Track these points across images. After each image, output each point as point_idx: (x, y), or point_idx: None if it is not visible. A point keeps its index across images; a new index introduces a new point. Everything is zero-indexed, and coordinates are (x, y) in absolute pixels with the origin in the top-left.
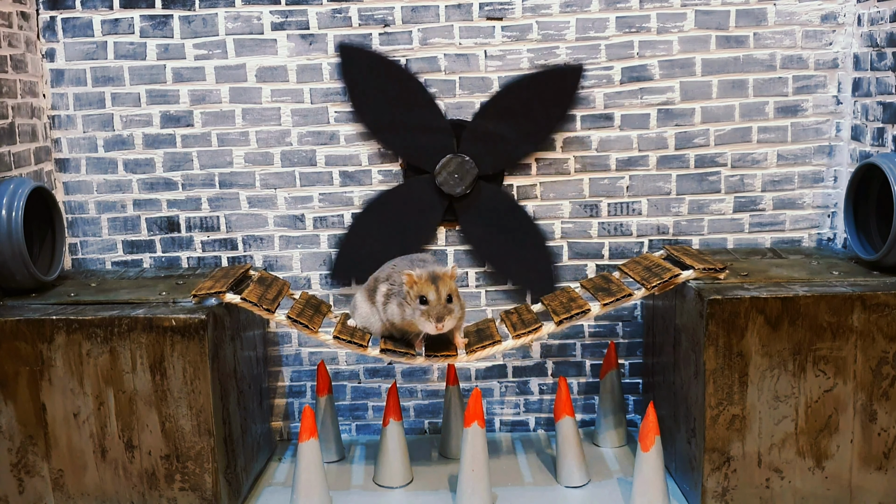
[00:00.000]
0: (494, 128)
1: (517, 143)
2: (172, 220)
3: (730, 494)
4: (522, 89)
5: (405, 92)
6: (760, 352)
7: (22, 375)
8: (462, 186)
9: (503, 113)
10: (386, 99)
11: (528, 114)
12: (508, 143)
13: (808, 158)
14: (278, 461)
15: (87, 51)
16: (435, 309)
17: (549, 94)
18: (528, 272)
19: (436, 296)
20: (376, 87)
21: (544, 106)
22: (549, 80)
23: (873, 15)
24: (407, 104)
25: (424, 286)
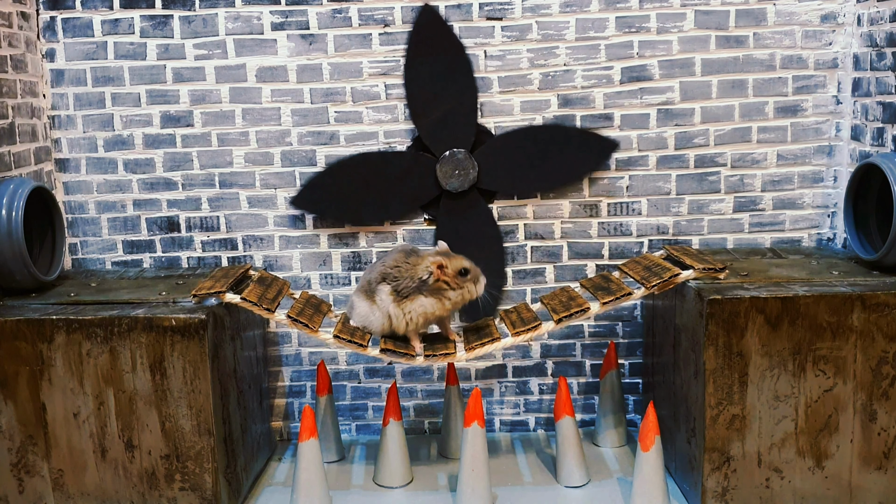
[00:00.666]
0: (513, 154)
1: (523, 179)
2: (172, 220)
3: (730, 494)
4: (556, 136)
5: (456, 77)
6: (760, 352)
7: (22, 375)
8: (457, 184)
9: (527, 146)
10: (437, 73)
11: (549, 160)
12: (515, 174)
13: (807, 158)
14: (278, 461)
15: (87, 51)
16: (477, 269)
17: (581, 154)
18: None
19: (468, 262)
20: (434, 58)
21: (571, 162)
22: (585, 141)
23: (873, 15)
24: (452, 89)
25: (454, 262)
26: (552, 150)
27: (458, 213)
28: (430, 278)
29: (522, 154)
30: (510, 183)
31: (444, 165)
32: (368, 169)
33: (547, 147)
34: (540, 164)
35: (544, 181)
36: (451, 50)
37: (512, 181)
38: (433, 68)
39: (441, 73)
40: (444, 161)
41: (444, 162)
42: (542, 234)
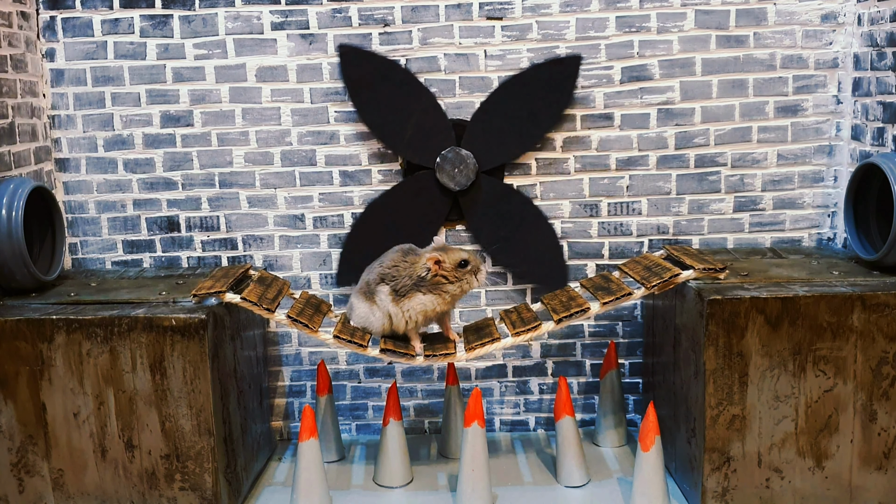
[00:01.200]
0: (496, 123)
1: (519, 138)
2: (172, 219)
3: (730, 494)
4: (522, 84)
5: (405, 91)
6: (760, 352)
7: (22, 375)
8: (463, 180)
9: (504, 108)
10: (386, 98)
11: (529, 107)
12: (510, 138)
13: (808, 158)
14: (278, 461)
15: (87, 51)
16: (476, 259)
17: (549, 85)
18: (539, 266)
19: (466, 253)
20: (376, 87)
21: (544, 98)
22: (548, 72)
23: (873, 14)
24: (407, 103)
25: (452, 255)
26: (528, 97)
27: (482, 203)
28: (427, 275)
29: (504, 118)
30: (509, 148)
31: (442, 170)
32: (384, 214)
33: (521, 98)
34: (525, 114)
35: (538, 126)
36: (381, 69)
37: (510, 147)
38: (377, 96)
39: (386, 95)
40: (440, 167)
41: (440, 168)
42: None
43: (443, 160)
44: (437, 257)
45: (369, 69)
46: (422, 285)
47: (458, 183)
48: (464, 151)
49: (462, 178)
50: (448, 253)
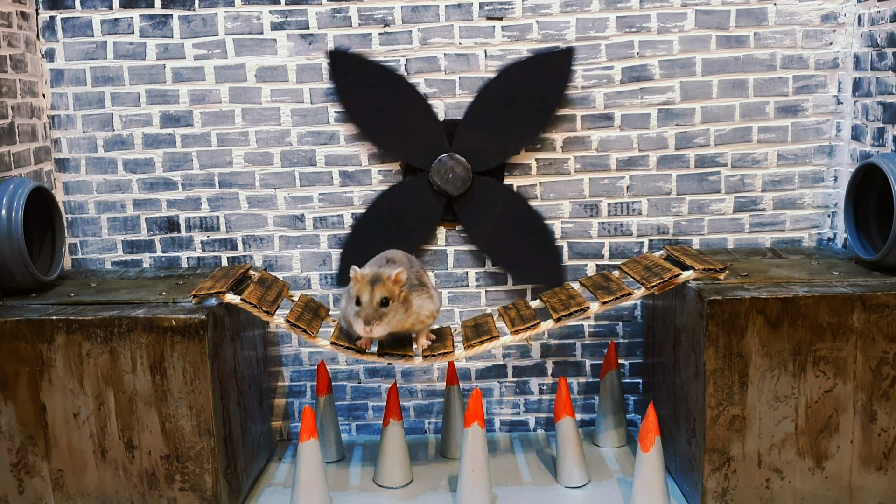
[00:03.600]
0: (488, 121)
1: (513, 135)
2: (172, 220)
3: (730, 495)
4: (512, 78)
5: (396, 94)
6: (760, 352)
7: (22, 375)
8: (458, 185)
9: (496, 105)
10: (377, 102)
11: (522, 102)
12: (504, 135)
13: (808, 158)
14: (278, 461)
15: (86, 51)
16: (364, 311)
17: (542, 79)
18: (536, 268)
19: (369, 298)
20: (367, 91)
21: (536, 93)
22: (541, 65)
23: (874, 15)
24: (398, 106)
25: (362, 287)
26: (520, 91)
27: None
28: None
29: (496, 115)
30: (503, 147)
31: (437, 177)
32: (381, 215)
33: (512, 93)
34: (514, 114)
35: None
36: (371, 73)
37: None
38: (368, 100)
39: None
40: (436, 173)
41: (436, 174)
42: None
43: (437, 165)
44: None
45: (358, 73)
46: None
47: (453, 187)
48: (457, 156)
49: (456, 182)
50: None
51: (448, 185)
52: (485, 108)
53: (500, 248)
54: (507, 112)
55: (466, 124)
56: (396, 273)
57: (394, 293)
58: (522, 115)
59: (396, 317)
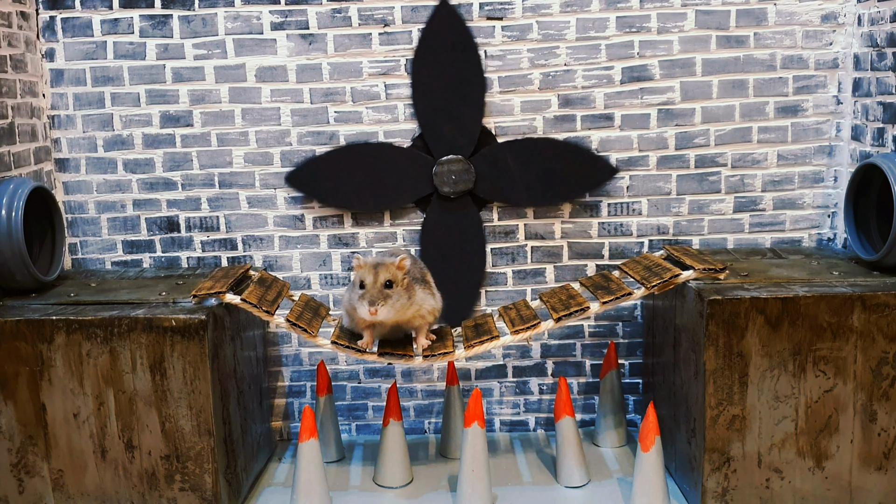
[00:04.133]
0: (512, 164)
1: (521, 190)
2: (172, 220)
3: (730, 495)
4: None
5: (467, 77)
6: (760, 352)
7: (22, 375)
8: (451, 189)
9: (528, 159)
10: (448, 70)
11: (548, 174)
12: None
13: (808, 158)
14: (278, 461)
15: (86, 51)
16: (369, 293)
17: (576, 172)
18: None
19: (373, 280)
20: (446, 55)
21: (566, 178)
22: (585, 160)
23: (873, 15)
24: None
25: (366, 271)
26: (553, 166)
27: (449, 213)
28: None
29: (522, 165)
30: (505, 193)
31: (440, 170)
32: (367, 158)
33: (548, 162)
34: (538, 178)
35: (539, 196)
36: (464, 47)
37: (507, 191)
38: (443, 65)
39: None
40: (441, 166)
41: (440, 167)
42: (543, 234)
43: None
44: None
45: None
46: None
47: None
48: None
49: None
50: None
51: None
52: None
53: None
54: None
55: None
56: (400, 259)
57: (397, 278)
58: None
59: (400, 301)
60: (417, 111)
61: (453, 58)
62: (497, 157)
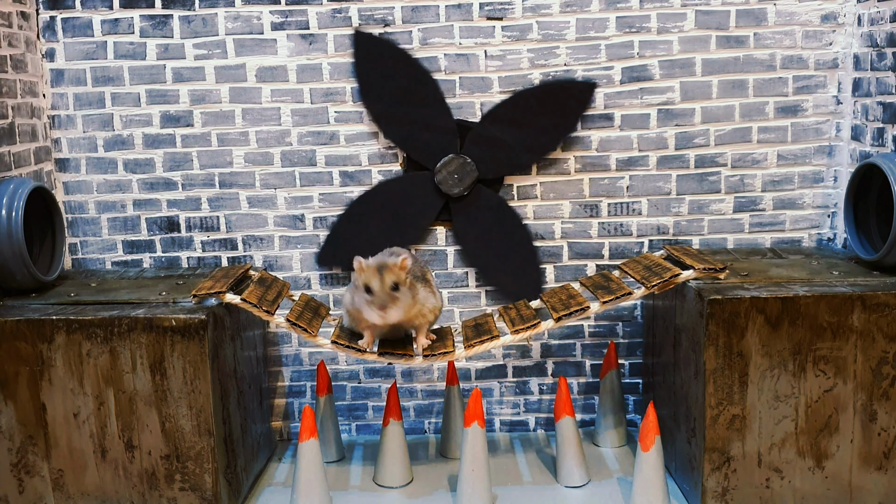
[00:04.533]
0: (499, 133)
1: (520, 152)
2: (172, 220)
3: (730, 494)
4: (533, 99)
5: (416, 86)
6: (760, 352)
7: (22, 375)
8: (460, 187)
9: (510, 120)
10: (396, 90)
11: (536, 124)
12: (511, 151)
13: (808, 158)
14: (278, 461)
15: (86, 51)
16: (378, 298)
17: (559, 106)
18: (514, 281)
19: (380, 284)
20: (387, 78)
21: (552, 118)
22: (560, 92)
23: (873, 15)
24: (416, 99)
25: (370, 275)
26: (536, 113)
27: (472, 211)
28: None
29: (509, 129)
30: (508, 161)
31: (441, 176)
32: (377, 205)
33: (529, 113)
34: (530, 130)
35: (541, 144)
36: (396, 61)
37: (510, 159)
38: (387, 87)
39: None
40: (441, 172)
41: (440, 173)
42: (543, 234)
43: (444, 165)
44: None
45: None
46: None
47: (454, 190)
48: (467, 160)
49: (459, 185)
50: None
51: (451, 186)
52: (499, 120)
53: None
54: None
55: (478, 131)
56: (402, 259)
57: (401, 278)
58: (536, 134)
59: (407, 301)
60: (391, 136)
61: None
62: (482, 135)
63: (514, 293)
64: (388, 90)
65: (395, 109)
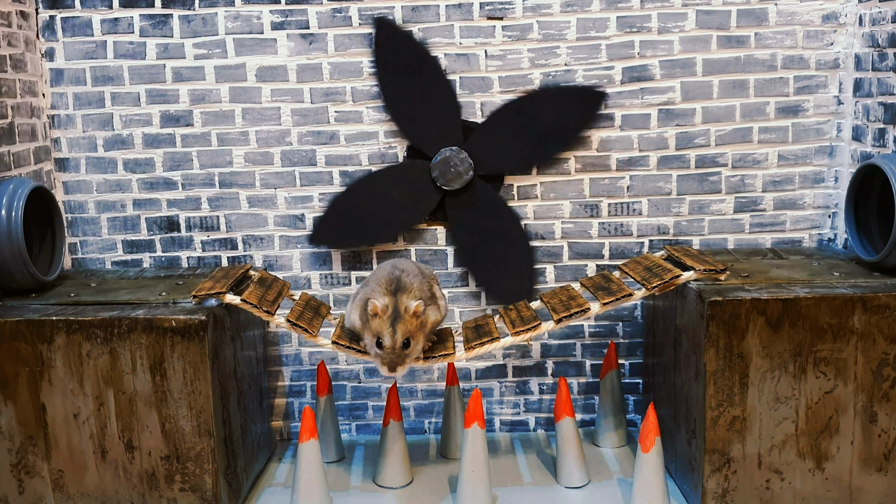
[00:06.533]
0: (505, 133)
1: (524, 154)
2: (172, 219)
3: (730, 496)
4: (542, 101)
5: (427, 77)
6: (761, 353)
7: (22, 376)
8: (457, 183)
9: (517, 120)
10: (408, 79)
11: (543, 127)
12: (515, 152)
13: (808, 159)
14: (278, 461)
15: (86, 50)
16: (388, 357)
17: (568, 112)
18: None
19: (391, 340)
20: (401, 66)
21: (560, 123)
22: (571, 97)
23: (875, 15)
24: (426, 89)
25: (382, 325)
26: (544, 116)
27: (468, 207)
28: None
29: (512, 130)
30: (511, 162)
31: (437, 169)
32: (373, 189)
33: (537, 115)
34: (532, 134)
35: (546, 148)
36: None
37: (512, 159)
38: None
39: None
40: (437, 165)
41: (436, 166)
42: (543, 234)
43: (441, 159)
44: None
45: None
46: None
47: (451, 186)
48: (465, 156)
49: (456, 181)
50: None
51: (447, 179)
52: (507, 119)
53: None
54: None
55: (483, 129)
56: (416, 306)
57: (413, 329)
58: (542, 138)
59: (416, 351)
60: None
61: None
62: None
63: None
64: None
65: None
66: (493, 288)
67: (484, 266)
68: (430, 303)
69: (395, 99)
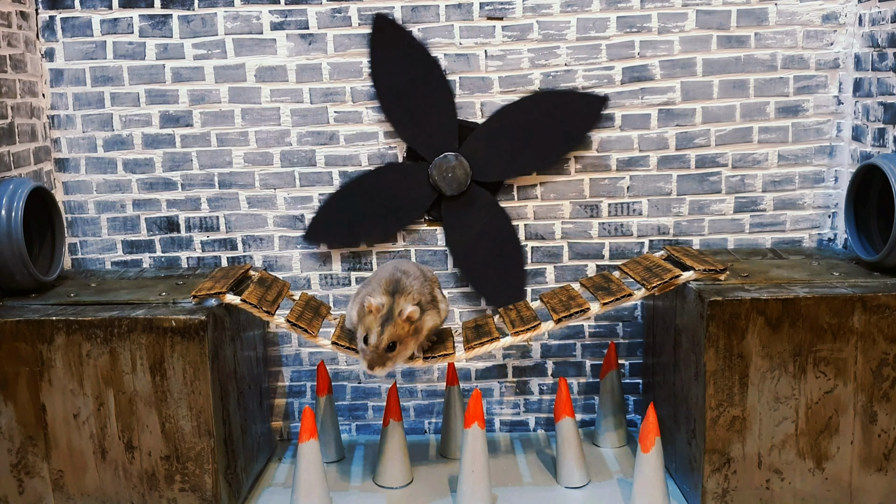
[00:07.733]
0: (503, 137)
1: (522, 159)
2: (172, 220)
3: (730, 496)
4: (541, 105)
5: (425, 77)
6: (761, 353)
7: (22, 376)
8: (453, 187)
9: (516, 124)
10: (405, 78)
11: (542, 132)
12: (513, 157)
13: (808, 159)
14: (278, 461)
15: (86, 50)
16: (370, 355)
17: (568, 117)
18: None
19: (376, 340)
20: (398, 64)
21: (560, 128)
22: (571, 103)
23: (874, 15)
24: (423, 89)
25: (372, 324)
26: (543, 121)
27: (462, 211)
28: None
29: (510, 135)
30: (508, 166)
31: (436, 173)
32: (367, 190)
33: (536, 119)
34: (530, 139)
35: (540, 156)
36: (416, 55)
37: (510, 164)
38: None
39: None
40: (434, 169)
41: (434, 170)
42: (543, 235)
43: (438, 164)
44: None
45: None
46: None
47: (448, 187)
48: (462, 160)
49: (452, 185)
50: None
51: (444, 184)
52: (504, 124)
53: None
54: (525, 136)
55: (480, 132)
56: (409, 312)
57: (402, 334)
58: (541, 143)
59: (402, 355)
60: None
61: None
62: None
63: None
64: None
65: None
66: (485, 290)
67: (475, 268)
68: (431, 306)
69: (389, 98)
